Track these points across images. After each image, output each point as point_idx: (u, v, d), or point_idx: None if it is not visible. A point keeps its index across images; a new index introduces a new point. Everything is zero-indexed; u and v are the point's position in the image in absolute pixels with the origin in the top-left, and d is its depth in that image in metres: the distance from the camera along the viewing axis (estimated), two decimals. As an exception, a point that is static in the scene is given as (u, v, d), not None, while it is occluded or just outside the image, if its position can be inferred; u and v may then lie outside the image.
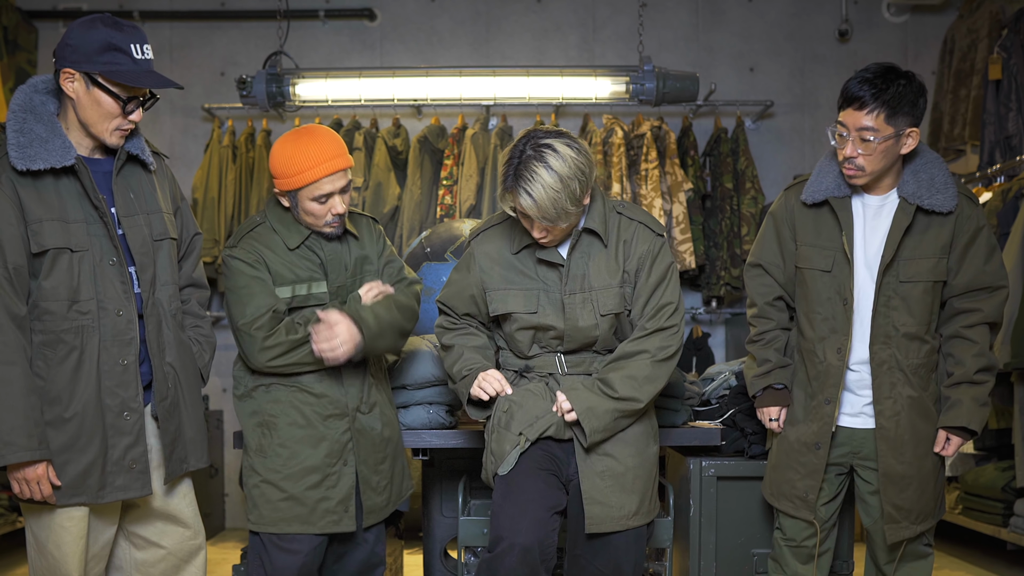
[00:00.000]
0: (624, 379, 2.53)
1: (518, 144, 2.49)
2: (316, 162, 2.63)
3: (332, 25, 5.88)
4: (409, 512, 4.57)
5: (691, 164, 5.51)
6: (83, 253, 2.29)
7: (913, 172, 2.62)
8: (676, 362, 2.61)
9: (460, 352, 2.67)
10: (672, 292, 2.60)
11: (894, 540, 2.65)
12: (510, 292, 2.62)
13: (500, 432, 2.57)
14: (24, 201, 2.25)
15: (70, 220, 2.29)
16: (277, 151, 2.68)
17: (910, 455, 2.62)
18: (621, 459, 2.55)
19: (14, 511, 4.74)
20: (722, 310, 5.68)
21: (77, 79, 2.28)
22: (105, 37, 2.26)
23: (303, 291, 2.73)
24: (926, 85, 2.61)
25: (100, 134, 2.32)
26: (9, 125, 2.27)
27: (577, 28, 5.88)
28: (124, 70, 2.27)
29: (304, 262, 2.75)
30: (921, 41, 5.86)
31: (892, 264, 2.61)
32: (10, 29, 5.58)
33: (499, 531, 2.47)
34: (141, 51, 2.30)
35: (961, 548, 5.01)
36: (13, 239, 2.23)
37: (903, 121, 2.52)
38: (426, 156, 5.51)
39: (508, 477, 2.54)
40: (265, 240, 2.75)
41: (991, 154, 4.94)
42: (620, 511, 2.52)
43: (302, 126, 2.72)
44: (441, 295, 2.75)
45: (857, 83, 2.53)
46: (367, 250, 2.86)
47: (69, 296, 2.28)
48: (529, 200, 2.43)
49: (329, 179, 2.65)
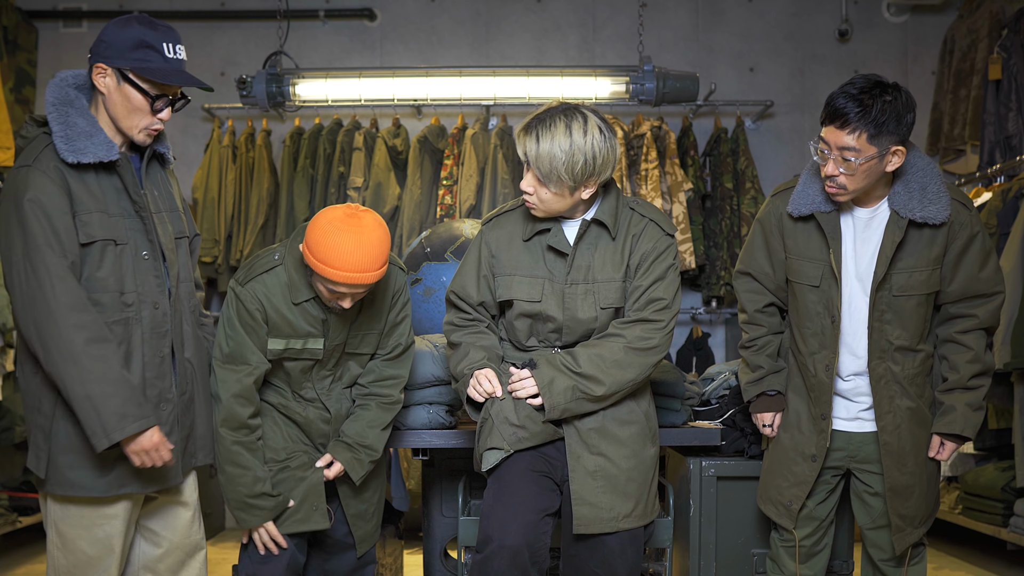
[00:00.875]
0: (591, 356, 2.50)
1: (558, 105, 2.52)
2: (344, 267, 2.46)
3: (332, 25, 5.88)
4: (409, 512, 4.57)
5: (691, 164, 5.51)
6: (124, 246, 2.33)
7: (904, 183, 2.54)
8: (656, 358, 2.54)
9: (466, 351, 2.64)
10: (666, 290, 2.56)
11: (903, 549, 2.66)
12: (515, 278, 2.61)
13: (488, 427, 2.55)
14: (74, 191, 2.27)
15: (111, 214, 2.32)
16: (320, 227, 2.49)
17: (912, 464, 2.62)
18: (615, 460, 2.53)
19: (14, 511, 4.74)
20: (722, 310, 5.68)
21: (109, 75, 2.31)
22: (138, 34, 2.29)
23: (297, 345, 2.67)
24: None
25: (129, 131, 2.35)
26: (52, 118, 2.31)
27: (577, 28, 5.88)
28: (153, 67, 2.30)
29: (306, 318, 2.66)
30: (921, 41, 5.86)
31: (885, 280, 2.57)
32: (10, 29, 5.58)
33: (488, 532, 2.46)
34: (173, 50, 2.33)
35: (961, 548, 5.01)
36: (68, 229, 2.25)
37: (887, 140, 2.42)
38: (426, 156, 5.51)
39: (499, 477, 2.53)
40: (273, 289, 2.64)
41: (991, 154, 4.94)
42: (610, 512, 2.50)
43: (358, 216, 2.50)
44: (452, 285, 2.71)
45: (841, 99, 2.42)
46: (377, 305, 2.75)
47: (117, 287, 2.31)
48: (534, 145, 2.45)
49: (348, 287, 2.52)
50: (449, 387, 3.08)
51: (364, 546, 2.84)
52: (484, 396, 2.56)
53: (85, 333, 2.21)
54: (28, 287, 2.21)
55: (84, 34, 5.91)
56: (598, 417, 2.55)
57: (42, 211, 2.22)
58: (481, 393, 2.56)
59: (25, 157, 2.31)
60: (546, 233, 2.60)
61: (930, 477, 2.68)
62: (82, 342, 2.20)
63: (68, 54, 5.88)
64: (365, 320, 2.75)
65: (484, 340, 2.66)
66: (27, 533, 5.34)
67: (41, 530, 5.85)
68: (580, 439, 2.54)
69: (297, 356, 2.68)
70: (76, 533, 2.35)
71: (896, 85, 2.46)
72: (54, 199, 2.23)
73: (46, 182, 2.24)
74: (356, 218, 2.50)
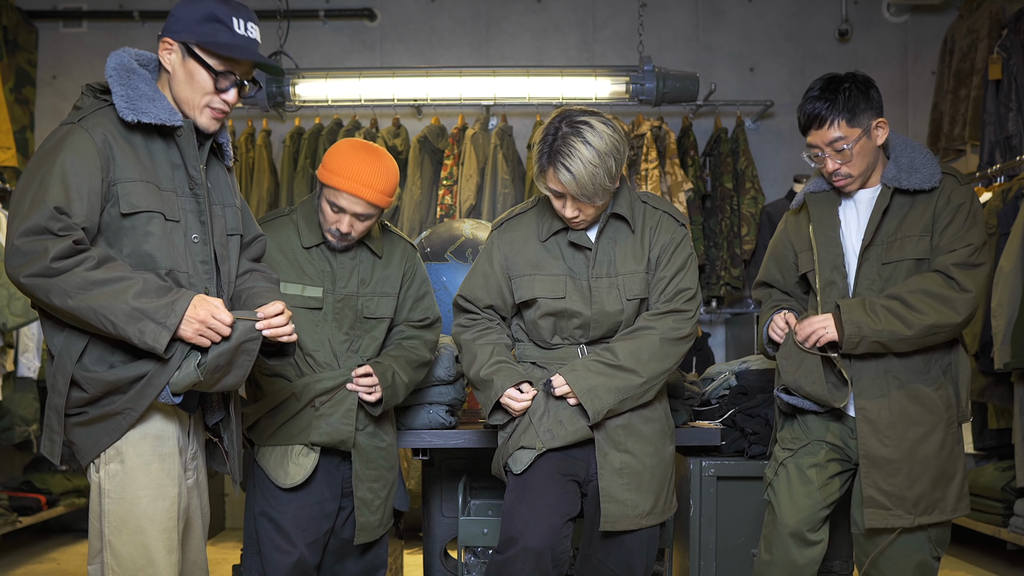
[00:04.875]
0: (629, 350, 2.52)
1: (553, 122, 2.49)
2: (350, 176, 2.65)
3: (332, 25, 5.88)
4: (409, 512, 4.57)
5: (691, 164, 5.51)
6: (175, 224, 2.18)
7: (894, 159, 2.65)
8: (687, 346, 2.59)
9: (473, 352, 2.62)
10: (691, 279, 2.61)
11: (874, 525, 2.55)
12: (536, 277, 2.61)
13: (523, 425, 2.55)
14: (117, 159, 2.12)
15: (163, 188, 2.17)
16: (338, 144, 2.74)
17: (896, 438, 2.55)
18: (640, 456, 2.54)
19: (14, 511, 4.74)
20: (722, 310, 5.68)
21: (175, 50, 2.19)
22: (208, 8, 2.18)
23: (295, 291, 2.74)
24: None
25: (192, 110, 2.21)
26: (113, 80, 2.16)
27: (577, 28, 5.88)
28: (219, 41, 2.17)
29: (311, 265, 2.77)
30: (921, 41, 5.86)
31: (871, 247, 2.61)
32: (10, 29, 5.58)
33: (511, 533, 2.45)
34: (244, 27, 2.21)
35: (961, 548, 5.01)
36: (94, 194, 2.08)
37: (865, 117, 2.57)
38: (426, 156, 5.51)
39: (525, 479, 2.52)
40: (279, 234, 2.79)
41: (991, 154, 4.94)
42: (635, 510, 2.51)
43: (374, 145, 2.76)
44: (461, 290, 2.71)
45: (808, 105, 2.59)
46: (391, 271, 2.85)
47: (166, 265, 2.15)
48: (568, 175, 2.43)
49: (349, 197, 2.66)
50: (449, 387, 3.08)
51: (363, 535, 2.78)
52: (522, 411, 2.55)
53: (91, 262, 2.04)
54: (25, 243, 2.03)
55: (84, 34, 5.91)
56: (625, 414, 2.55)
57: (72, 167, 2.07)
58: (519, 409, 2.55)
59: (72, 116, 2.16)
60: (565, 231, 2.61)
61: (931, 460, 2.55)
62: (92, 266, 2.03)
63: (68, 54, 5.89)
64: (379, 280, 2.82)
65: (488, 336, 2.65)
66: (27, 533, 5.35)
67: (41, 530, 5.86)
68: (608, 437, 2.54)
69: (291, 303, 2.67)
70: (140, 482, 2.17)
71: (849, 74, 2.62)
72: (88, 159, 2.08)
73: (86, 141, 2.10)
74: (372, 145, 2.75)
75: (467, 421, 3.28)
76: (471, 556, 3.12)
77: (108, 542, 2.13)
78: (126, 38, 5.67)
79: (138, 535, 2.13)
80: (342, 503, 2.80)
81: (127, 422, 2.13)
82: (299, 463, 2.72)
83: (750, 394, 3.16)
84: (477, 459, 3.16)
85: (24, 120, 5.73)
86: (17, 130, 5.57)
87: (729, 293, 5.59)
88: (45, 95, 5.90)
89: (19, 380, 4.54)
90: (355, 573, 2.87)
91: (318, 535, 2.73)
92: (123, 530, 2.13)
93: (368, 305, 2.80)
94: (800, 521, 2.63)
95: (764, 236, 5.35)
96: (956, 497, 2.60)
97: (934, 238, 2.59)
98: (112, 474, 2.14)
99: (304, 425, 2.72)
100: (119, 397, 2.13)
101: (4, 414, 4.51)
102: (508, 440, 2.58)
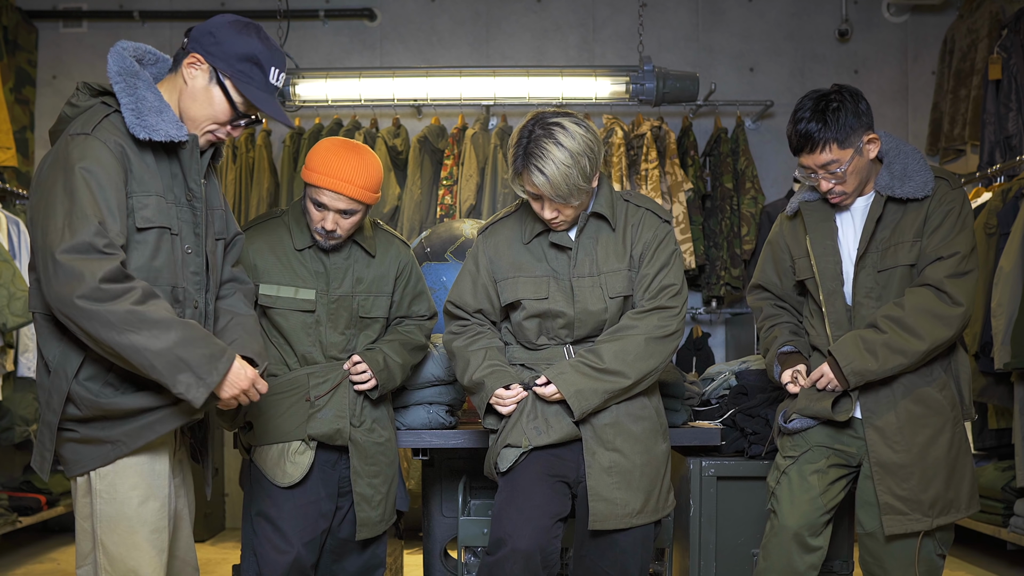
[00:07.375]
0: (614, 352, 2.52)
1: (526, 125, 2.50)
2: (329, 173, 2.67)
3: (332, 25, 5.88)
4: (409, 512, 4.57)
5: (691, 164, 5.51)
6: (176, 237, 2.15)
7: (887, 165, 2.64)
8: (675, 344, 2.59)
9: (465, 358, 2.64)
10: (675, 275, 2.60)
11: (894, 532, 2.56)
12: (519, 279, 2.62)
13: (510, 424, 2.56)
14: (134, 171, 2.09)
15: (167, 200, 2.15)
16: (320, 142, 2.76)
17: (905, 443, 2.57)
18: (629, 455, 2.54)
19: (14, 511, 4.74)
20: (722, 310, 5.68)
21: (203, 70, 2.15)
22: (252, 48, 2.15)
23: (289, 293, 2.76)
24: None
25: (195, 127, 2.18)
26: (120, 88, 2.10)
27: (577, 28, 5.88)
28: (254, 88, 2.16)
29: (304, 267, 2.78)
30: (921, 41, 5.86)
31: (867, 255, 2.62)
32: (10, 29, 5.58)
33: (500, 534, 2.46)
34: (276, 77, 2.21)
35: (961, 548, 5.01)
36: (122, 207, 2.04)
37: (856, 136, 2.56)
38: (426, 156, 5.51)
39: (514, 480, 2.53)
40: (271, 236, 2.80)
41: (991, 154, 4.94)
42: (624, 508, 2.51)
43: (357, 142, 2.77)
44: (450, 296, 2.72)
45: (800, 127, 2.57)
46: (385, 269, 2.87)
47: (170, 281, 2.14)
48: (542, 178, 2.44)
49: (330, 194, 2.68)
50: (449, 387, 3.08)
51: (364, 531, 2.79)
52: (512, 407, 2.57)
53: (137, 293, 1.98)
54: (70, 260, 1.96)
55: (84, 34, 5.91)
56: (613, 413, 2.56)
57: (96, 181, 2.00)
58: (508, 407, 2.57)
59: (82, 125, 2.08)
60: (547, 233, 2.62)
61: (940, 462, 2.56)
62: (138, 300, 1.98)
63: (68, 54, 5.89)
64: (373, 280, 2.84)
65: (480, 341, 2.66)
66: (27, 533, 5.35)
67: (41, 530, 5.86)
68: (596, 435, 2.54)
69: (286, 306, 2.76)
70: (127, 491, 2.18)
71: (836, 88, 2.59)
72: (111, 173, 2.03)
73: (105, 153, 2.04)
74: (353, 142, 2.76)
75: (467, 421, 3.28)
76: (471, 556, 3.12)
77: (100, 542, 2.12)
78: (126, 38, 5.64)
79: (130, 535, 2.12)
80: (339, 503, 2.80)
81: (116, 454, 2.11)
82: (295, 461, 2.73)
83: (750, 394, 3.16)
84: (477, 459, 3.16)
85: (24, 120, 5.74)
86: (17, 130, 5.57)
87: (729, 293, 5.59)
88: (45, 95, 5.90)
89: (19, 380, 4.53)
90: (353, 573, 2.87)
91: (315, 535, 2.74)
92: (115, 530, 2.12)
93: (364, 304, 2.82)
94: (802, 524, 2.64)
95: (764, 236, 5.34)
96: (968, 496, 2.63)
97: (923, 240, 2.60)
98: (103, 474, 2.12)
99: (299, 421, 2.74)
100: (111, 424, 2.10)
101: (4, 414, 4.51)
102: (497, 439, 2.59)
